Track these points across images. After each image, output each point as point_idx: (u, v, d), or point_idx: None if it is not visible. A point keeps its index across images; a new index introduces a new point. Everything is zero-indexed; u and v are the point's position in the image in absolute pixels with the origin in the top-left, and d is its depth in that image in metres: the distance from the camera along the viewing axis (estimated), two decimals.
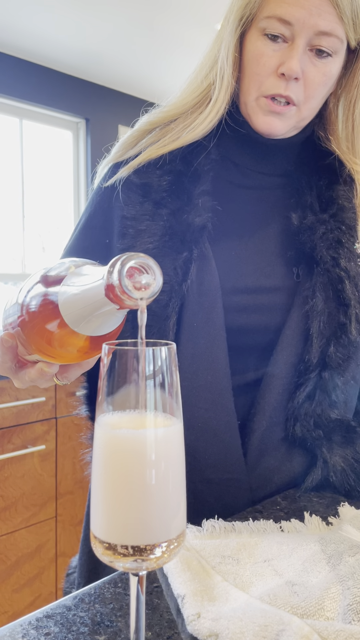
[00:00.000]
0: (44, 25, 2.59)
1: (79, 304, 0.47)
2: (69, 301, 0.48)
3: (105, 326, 0.50)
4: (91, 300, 0.46)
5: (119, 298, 0.42)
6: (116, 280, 0.41)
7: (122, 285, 0.41)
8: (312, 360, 0.77)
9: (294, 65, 0.71)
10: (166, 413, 0.41)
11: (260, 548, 0.61)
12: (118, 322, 0.51)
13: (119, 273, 0.41)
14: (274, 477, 0.80)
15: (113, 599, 0.53)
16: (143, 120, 0.86)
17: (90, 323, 0.49)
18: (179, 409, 0.42)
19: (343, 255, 0.78)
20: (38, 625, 0.49)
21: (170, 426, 0.40)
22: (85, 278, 0.47)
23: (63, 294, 0.48)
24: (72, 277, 0.49)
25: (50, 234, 3.29)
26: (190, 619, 0.48)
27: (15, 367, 0.60)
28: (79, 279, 0.48)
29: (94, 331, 0.50)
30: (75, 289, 0.48)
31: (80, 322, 0.48)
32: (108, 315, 0.48)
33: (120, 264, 0.41)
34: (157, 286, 0.43)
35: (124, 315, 0.51)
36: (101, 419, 0.41)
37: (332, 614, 0.49)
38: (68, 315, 0.48)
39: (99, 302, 0.45)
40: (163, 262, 0.76)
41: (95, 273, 0.46)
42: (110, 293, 0.42)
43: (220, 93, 0.78)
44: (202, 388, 0.76)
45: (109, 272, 0.42)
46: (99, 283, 0.44)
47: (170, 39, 2.73)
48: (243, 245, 0.81)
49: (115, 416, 0.40)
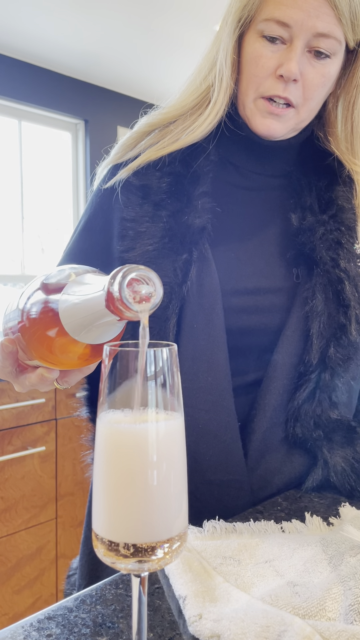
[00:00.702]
0: (43, 27, 2.59)
1: (79, 313, 0.48)
2: (70, 310, 0.48)
3: (105, 335, 0.50)
4: (91, 310, 0.46)
5: (119, 310, 0.42)
6: (117, 293, 0.41)
7: (122, 298, 0.41)
8: (312, 361, 0.77)
9: (292, 67, 0.71)
10: (167, 410, 0.41)
11: (261, 549, 0.61)
12: (118, 330, 0.51)
13: (119, 285, 0.41)
14: (275, 478, 0.80)
15: (114, 600, 0.53)
16: (142, 122, 0.86)
17: (91, 332, 0.49)
18: (180, 407, 0.42)
19: (343, 256, 0.78)
20: (40, 626, 0.49)
21: (172, 420, 0.41)
22: (86, 287, 0.47)
23: (64, 303, 0.49)
24: (72, 286, 0.49)
25: (49, 235, 3.29)
26: (191, 620, 0.48)
27: (16, 371, 0.59)
28: (79, 288, 0.48)
29: (94, 340, 0.50)
30: (75, 298, 0.48)
31: (80, 331, 0.49)
32: (108, 325, 0.48)
33: (121, 276, 0.42)
34: (157, 299, 0.43)
35: (124, 324, 0.51)
36: (103, 416, 0.41)
37: (334, 615, 0.49)
38: (68, 324, 0.48)
39: (99, 312, 0.45)
40: (163, 263, 0.76)
41: (95, 282, 0.47)
42: (111, 305, 0.42)
43: (219, 95, 0.78)
44: (202, 389, 0.76)
45: (110, 284, 0.42)
46: (100, 294, 0.44)
47: (170, 40, 2.74)
48: (243, 247, 0.81)
49: (117, 413, 0.41)
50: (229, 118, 0.81)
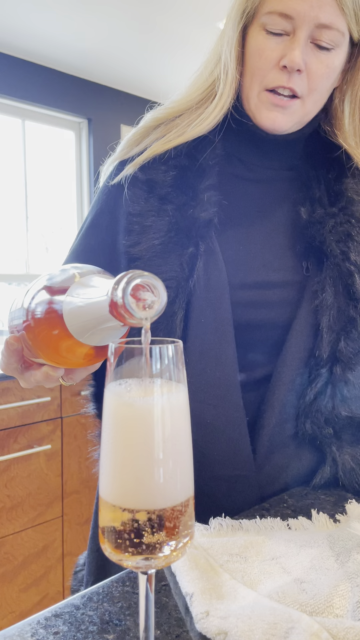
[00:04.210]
0: (46, 26, 2.59)
1: (83, 317, 0.48)
2: (74, 313, 0.48)
3: (109, 338, 0.50)
4: (95, 314, 0.46)
5: (122, 316, 0.42)
6: (120, 299, 0.41)
7: (125, 305, 0.41)
8: (322, 356, 0.76)
9: (295, 57, 0.71)
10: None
11: (268, 546, 0.61)
12: (122, 333, 0.51)
13: (123, 292, 0.41)
14: (283, 474, 0.79)
15: (121, 597, 0.53)
16: (148, 116, 0.85)
17: (95, 335, 0.49)
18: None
19: (353, 248, 0.78)
20: (47, 624, 0.49)
21: (177, 389, 0.41)
22: (90, 290, 0.48)
23: (68, 305, 0.49)
24: (77, 288, 0.49)
25: (53, 234, 3.29)
26: (198, 617, 0.48)
27: (21, 367, 0.60)
28: (84, 291, 0.48)
29: (98, 342, 0.50)
30: (79, 301, 0.48)
31: (84, 334, 0.49)
32: (112, 329, 0.48)
33: (125, 282, 0.42)
34: (161, 306, 0.43)
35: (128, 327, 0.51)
36: (110, 387, 0.41)
37: (341, 611, 0.49)
38: (72, 326, 0.49)
39: (103, 317, 0.45)
40: (169, 257, 0.76)
41: (100, 285, 0.47)
42: (114, 311, 0.43)
43: (225, 88, 0.78)
44: (210, 384, 0.76)
45: (114, 289, 0.42)
46: (104, 299, 0.44)
47: (173, 38, 2.73)
48: (251, 239, 0.80)
49: (124, 384, 0.41)
50: (235, 112, 0.81)
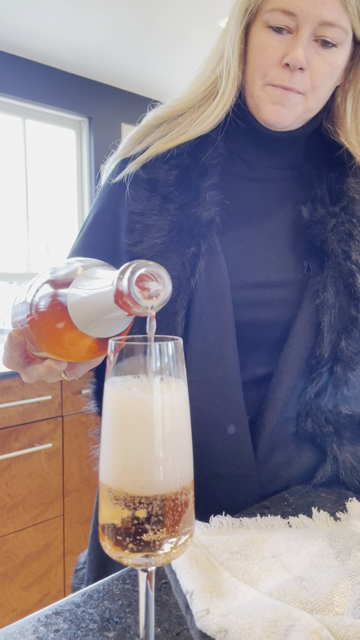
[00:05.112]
0: (46, 24, 2.59)
1: (88, 307, 0.48)
2: (78, 304, 0.48)
3: (114, 329, 0.50)
4: (100, 305, 0.46)
5: (127, 305, 0.42)
6: (126, 289, 0.41)
7: (131, 294, 0.41)
8: (323, 355, 0.76)
9: (298, 55, 0.71)
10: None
11: (269, 544, 0.61)
12: (127, 324, 0.51)
13: (128, 281, 0.41)
14: (284, 472, 0.79)
15: (122, 595, 0.53)
16: (150, 115, 0.85)
17: (99, 326, 0.49)
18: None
19: (354, 248, 0.78)
20: (47, 622, 0.49)
21: (177, 383, 0.41)
22: (95, 282, 0.47)
23: (72, 297, 0.49)
24: (81, 280, 0.49)
25: (54, 233, 3.29)
26: (199, 615, 0.48)
27: (24, 362, 0.60)
28: (88, 282, 0.48)
29: (102, 333, 0.50)
30: (84, 292, 0.48)
31: (89, 325, 0.49)
32: (117, 319, 0.48)
33: (131, 272, 0.42)
34: (166, 295, 0.43)
35: (133, 318, 0.51)
36: (110, 379, 0.41)
37: (342, 609, 0.49)
38: (77, 317, 0.49)
39: (108, 307, 0.45)
40: (171, 257, 0.76)
41: (104, 277, 0.47)
42: (119, 300, 0.42)
43: (227, 85, 0.78)
44: (211, 383, 0.76)
45: (119, 279, 0.42)
46: (108, 289, 0.44)
47: (174, 36, 2.73)
48: (252, 239, 0.80)
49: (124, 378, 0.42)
50: (237, 110, 0.81)
